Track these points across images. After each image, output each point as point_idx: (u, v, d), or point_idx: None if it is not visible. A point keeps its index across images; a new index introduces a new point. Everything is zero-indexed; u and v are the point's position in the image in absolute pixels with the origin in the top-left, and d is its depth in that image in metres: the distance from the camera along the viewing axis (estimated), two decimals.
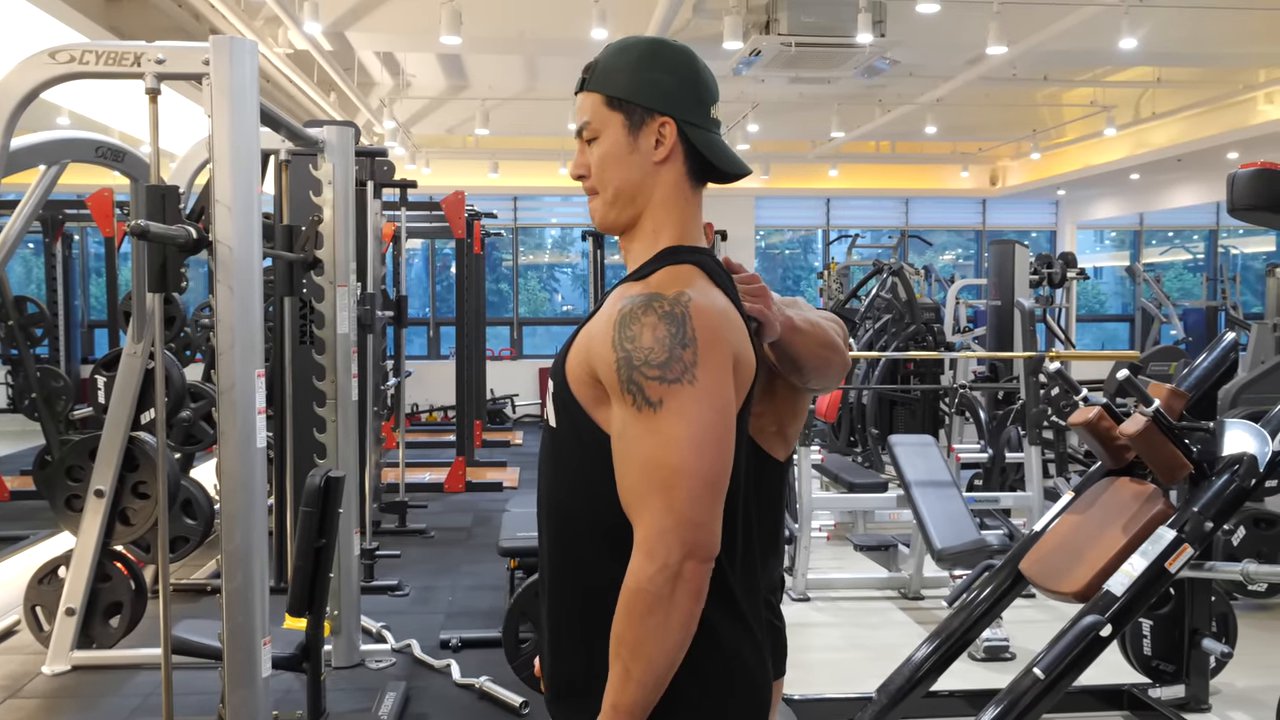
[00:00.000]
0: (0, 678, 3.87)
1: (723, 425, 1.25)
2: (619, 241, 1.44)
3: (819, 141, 11.49)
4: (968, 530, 4.76)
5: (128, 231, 2.29)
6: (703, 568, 1.23)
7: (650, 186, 1.38)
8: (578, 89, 1.43)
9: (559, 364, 1.35)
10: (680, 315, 1.24)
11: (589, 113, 1.40)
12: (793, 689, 3.84)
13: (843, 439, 8.11)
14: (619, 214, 1.39)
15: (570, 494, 1.34)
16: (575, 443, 1.32)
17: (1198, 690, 3.84)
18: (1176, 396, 3.43)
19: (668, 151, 1.37)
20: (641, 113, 1.36)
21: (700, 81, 1.40)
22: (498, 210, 9.92)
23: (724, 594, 1.32)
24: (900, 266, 8.43)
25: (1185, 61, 8.36)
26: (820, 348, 1.48)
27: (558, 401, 1.34)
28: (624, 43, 1.42)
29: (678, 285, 1.28)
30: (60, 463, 4.15)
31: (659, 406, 1.23)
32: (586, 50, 7.49)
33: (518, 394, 12.11)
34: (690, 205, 1.40)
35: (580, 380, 1.30)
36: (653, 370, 1.23)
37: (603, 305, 1.33)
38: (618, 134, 1.37)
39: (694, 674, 1.30)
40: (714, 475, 1.24)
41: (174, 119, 3.98)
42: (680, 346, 1.23)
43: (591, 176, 1.40)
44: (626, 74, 1.38)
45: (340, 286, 3.75)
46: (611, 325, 1.26)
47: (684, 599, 1.22)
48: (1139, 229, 14.23)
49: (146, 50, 2.46)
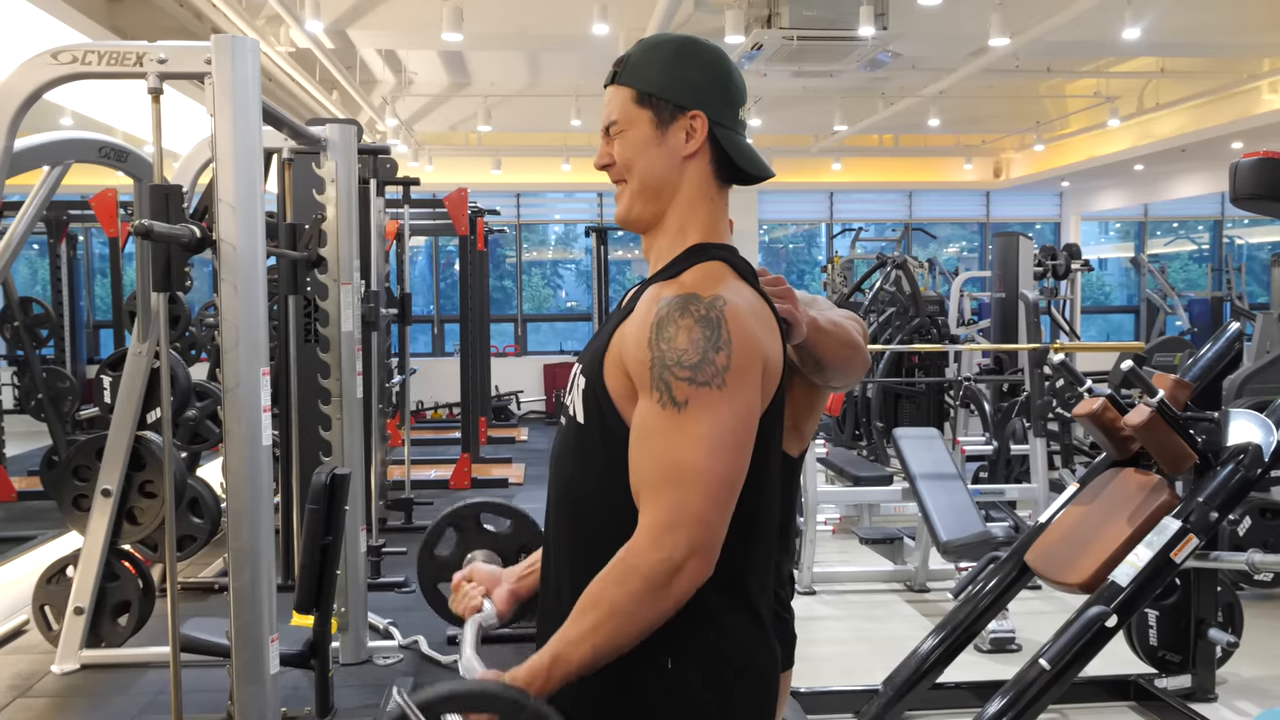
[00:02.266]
0: (10, 677, 3.89)
1: (743, 430, 1.26)
2: (642, 239, 1.43)
3: (822, 135, 11.48)
4: (973, 523, 4.76)
5: (132, 231, 2.29)
6: (704, 568, 1.24)
7: (676, 182, 1.38)
8: (607, 82, 1.42)
9: (595, 362, 1.35)
10: (716, 319, 1.25)
11: (617, 106, 1.39)
12: (799, 682, 3.84)
13: (848, 432, 8.12)
14: (644, 208, 1.39)
15: (594, 490, 1.34)
16: (603, 440, 1.32)
17: (1204, 680, 3.84)
18: (1181, 387, 3.42)
19: (697, 146, 1.36)
20: (671, 109, 1.36)
21: (731, 82, 1.40)
22: (501, 207, 9.92)
23: (738, 588, 1.32)
24: (904, 260, 8.42)
25: (1188, 51, 8.34)
26: (843, 347, 1.49)
27: (588, 398, 1.34)
28: (656, 39, 1.42)
29: (712, 286, 1.29)
30: (67, 463, 4.17)
31: (684, 407, 1.24)
32: (588, 46, 7.51)
33: (522, 390, 12.12)
34: (716, 203, 1.40)
35: (615, 378, 1.31)
36: (684, 371, 1.24)
37: (635, 306, 1.33)
38: (645, 129, 1.37)
39: (705, 666, 1.30)
40: (729, 479, 1.25)
41: (177, 119, 3.99)
42: (714, 350, 1.24)
43: (617, 165, 1.40)
44: (657, 69, 1.38)
45: (344, 284, 3.76)
46: (648, 326, 1.27)
47: (677, 593, 1.23)
48: (1143, 220, 14.20)
49: (148, 50, 2.46)
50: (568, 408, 1.41)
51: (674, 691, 1.30)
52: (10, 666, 4.00)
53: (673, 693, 1.30)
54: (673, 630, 1.30)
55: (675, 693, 1.30)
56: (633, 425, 1.29)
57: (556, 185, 12.93)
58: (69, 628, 3.89)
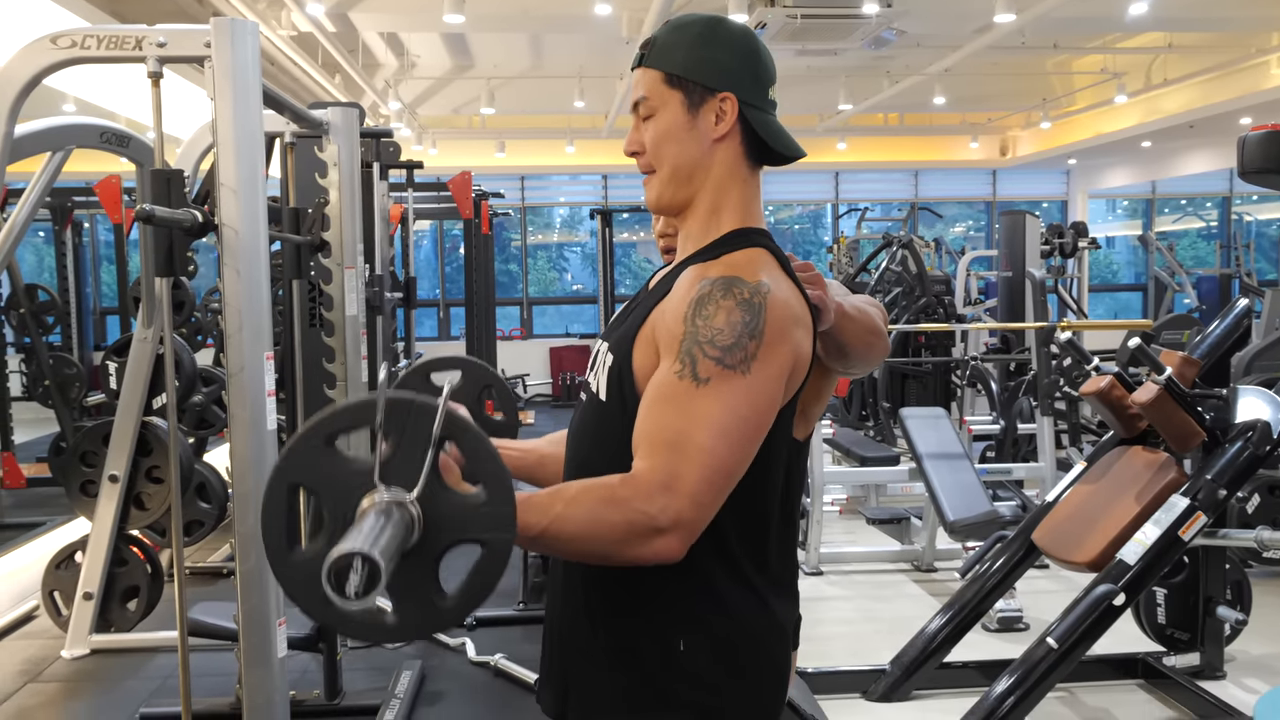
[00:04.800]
0: (20, 662, 3.91)
1: (755, 422, 1.24)
2: (675, 223, 1.42)
3: (826, 114, 11.41)
4: (980, 502, 4.76)
5: (135, 216, 2.28)
6: (679, 545, 1.20)
7: (708, 165, 1.36)
8: (634, 65, 1.41)
9: (626, 340, 1.33)
10: (758, 305, 1.24)
11: (646, 89, 1.37)
12: (807, 662, 3.86)
13: (854, 413, 8.10)
14: (675, 193, 1.37)
15: (610, 467, 1.31)
16: (622, 418, 1.31)
17: (1212, 658, 3.84)
18: (1189, 364, 3.41)
19: (728, 128, 1.35)
20: (701, 90, 1.35)
21: (760, 61, 1.39)
22: (505, 190, 9.90)
23: (747, 570, 1.32)
24: (910, 239, 8.38)
25: (1196, 26, 8.26)
26: (867, 334, 1.48)
27: (613, 376, 1.33)
28: (683, 20, 1.40)
29: (757, 272, 1.27)
30: (74, 449, 4.17)
31: (704, 383, 1.22)
32: (591, 27, 7.46)
33: (529, 374, 12.12)
34: (749, 185, 1.38)
35: (644, 356, 1.30)
36: (715, 350, 1.22)
37: (673, 287, 1.31)
38: (676, 112, 1.35)
39: (715, 648, 1.30)
40: (730, 468, 1.23)
41: (180, 103, 3.98)
42: (749, 337, 1.22)
43: (647, 154, 1.38)
44: (685, 51, 1.36)
45: (348, 269, 3.75)
46: (687, 303, 1.26)
47: (643, 552, 1.18)
48: (1151, 197, 14.12)
49: (148, 34, 2.45)
50: (590, 385, 1.40)
51: (686, 675, 1.30)
52: (21, 652, 4.02)
53: (685, 676, 1.30)
54: (686, 613, 1.30)
55: (687, 677, 1.30)
56: (648, 386, 1.27)
57: (561, 168, 12.88)
58: (78, 613, 3.90)
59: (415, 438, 1.10)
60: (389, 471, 1.10)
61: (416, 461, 1.10)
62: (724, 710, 1.31)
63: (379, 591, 1.03)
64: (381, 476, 1.10)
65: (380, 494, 1.09)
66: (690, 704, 1.30)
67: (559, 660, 1.41)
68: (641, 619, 1.31)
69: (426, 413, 1.11)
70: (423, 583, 1.13)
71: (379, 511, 1.07)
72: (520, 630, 3.95)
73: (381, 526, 1.05)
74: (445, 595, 1.13)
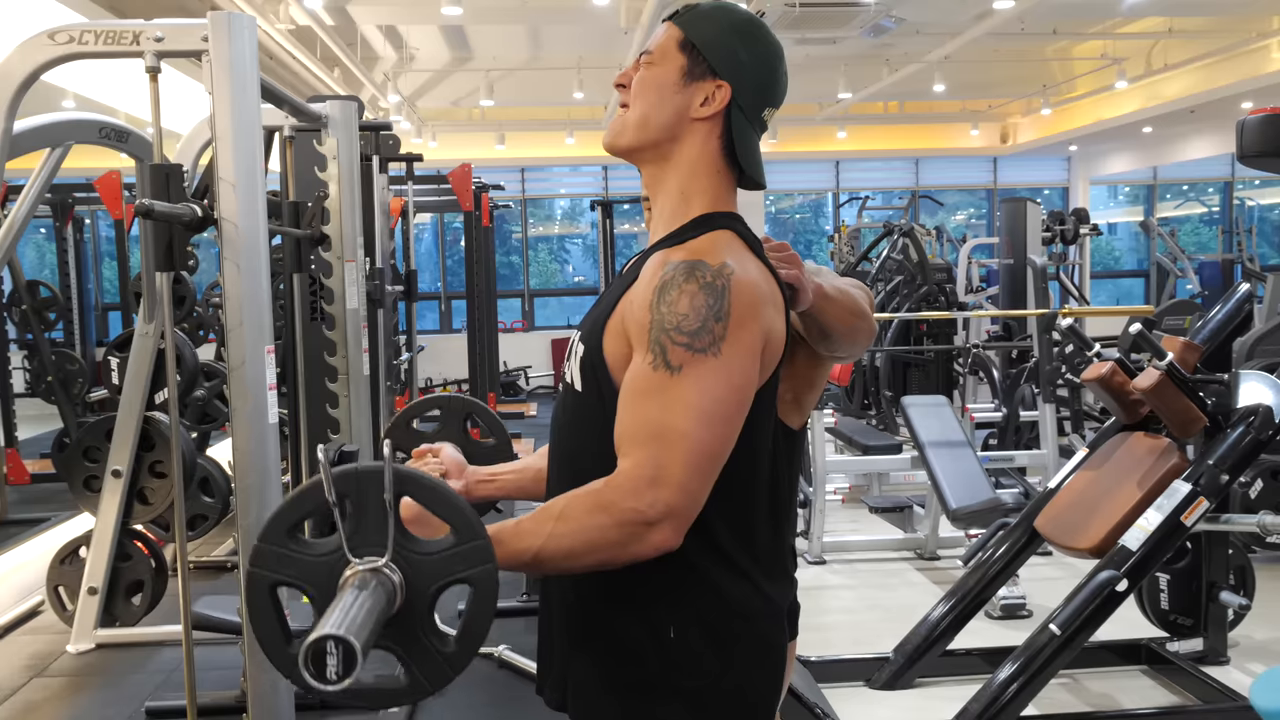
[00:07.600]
0: (26, 657, 3.92)
1: (733, 402, 1.25)
2: (645, 203, 1.42)
3: (827, 103, 11.39)
4: (982, 489, 4.76)
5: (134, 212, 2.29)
6: (674, 535, 1.21)
7: (677, 136, 1.36)
8: (666, 16, 1.41)
9: (595, 330, 1.34)
10: (721, 287, 1.24)
11: (661, 41, 1.38)
12: (810, 650, 3.86)
13: (856, 402, 8.10)
14: (633, 137, 1.37)
15: (593, 458, 1.32)
16: (600, 407, 1.31)
17: (1216, 643, 3.84)
18: (1190, 350, 3.41)
19: (710, 113, 1.35)
20: (705, 68, 1.35)
21: (773, 78, 1.39)
22: (505, 182, 9.89)
23: (742, 560, 1.32)
24: (911, 227, 8.36)
25: (1196, 10, 8.25)
26: (850, 315, 1.47)
27: (585, 366, 1.34)
28: (730, 4, 1.41)
29: (720, 254, 1.27)
30: (77, 444, 4.18)
31: (677, 371, 1.22)
32: (589, 18, 7.45)
33: (531, 366, 12.13)
34: (723, 179, 1.38)
35: (615, 345, 1.30)
36: (681, 337, 1.22)
37: (640, 273, 1.32)
38: (672, 71, 1.36)
39: (711, 636, 1.31)
40: (713, 450, 1.23)
41: (179, 98, 3.97)
42: (714, 319, 1.23)
43: (630, 89, 1.39)
44: (714, 29, 1.36)
45: (348, 262, 3.75)
46: (652, 290, 1.26)
47: (639, 549, 1.20)
48: (1153, 183, 14.10)
49: (145, 29, 2.44)
50: (565, 375, 1.40)
51: (679, 662, 1.30)
52: (26, 647, 4.03)
53: (678, 664, 1.30)
54: (677, 601, 1.30)
55: (680, 664, 1.30)
56: (623, 382, 1.27)
57: (561, 159, 12.87)
58: (83, 608, 3.91)
59: (370, 504, 1.13)
60: (356, 542, 1.13)
61: (380, 526, 1.13)
62: (720, 695, 1.32)
63: (359, 669, 1.04)
64: (351, 549, 1.13)
65: (355, 566, 1.12)
66: (684, 690, 1.31)
67: (556, 652, 1.41)
68: (633, 608, 1.31)
69: (373, 478, 1.13)
70: (423, 636, 1.16)
71: (356, 585, 1.10)
72: (523, 622, 3.96)
73: (357, 600, 1.08)
74: (448, 640, 1.17)
